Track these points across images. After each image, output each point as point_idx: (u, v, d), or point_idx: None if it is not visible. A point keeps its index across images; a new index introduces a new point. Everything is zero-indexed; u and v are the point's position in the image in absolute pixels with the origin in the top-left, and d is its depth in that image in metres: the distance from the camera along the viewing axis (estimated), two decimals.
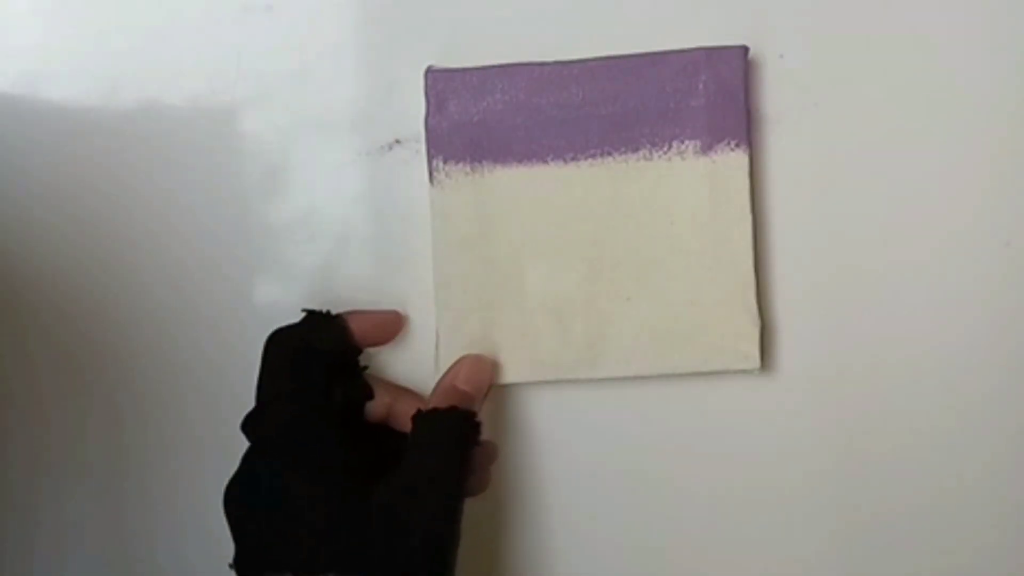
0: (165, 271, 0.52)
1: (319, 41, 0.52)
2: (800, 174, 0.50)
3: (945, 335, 0.50)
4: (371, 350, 0.51)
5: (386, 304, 0.51)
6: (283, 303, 0.52)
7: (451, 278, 0.50)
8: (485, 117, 0.50)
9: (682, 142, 0.49)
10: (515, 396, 0.51)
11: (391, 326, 0.51)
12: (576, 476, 0.52)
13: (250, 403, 0.47)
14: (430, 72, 0.50)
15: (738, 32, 0.50)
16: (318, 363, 0.48)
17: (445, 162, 0.50)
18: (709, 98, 0.49)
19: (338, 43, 0.52)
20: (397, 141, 0.51)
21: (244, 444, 0.47)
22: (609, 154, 0.50)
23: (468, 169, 0.50)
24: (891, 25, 0.50)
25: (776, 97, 0.50)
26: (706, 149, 0.49)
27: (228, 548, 0.46)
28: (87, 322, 0.53)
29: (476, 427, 0.47)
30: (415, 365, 0.51)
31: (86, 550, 0.54)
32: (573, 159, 0.50)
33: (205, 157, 0.52)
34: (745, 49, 0.49)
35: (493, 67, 0.50)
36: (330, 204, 0.52)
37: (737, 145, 0.49)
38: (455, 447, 0.46)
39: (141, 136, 0.52)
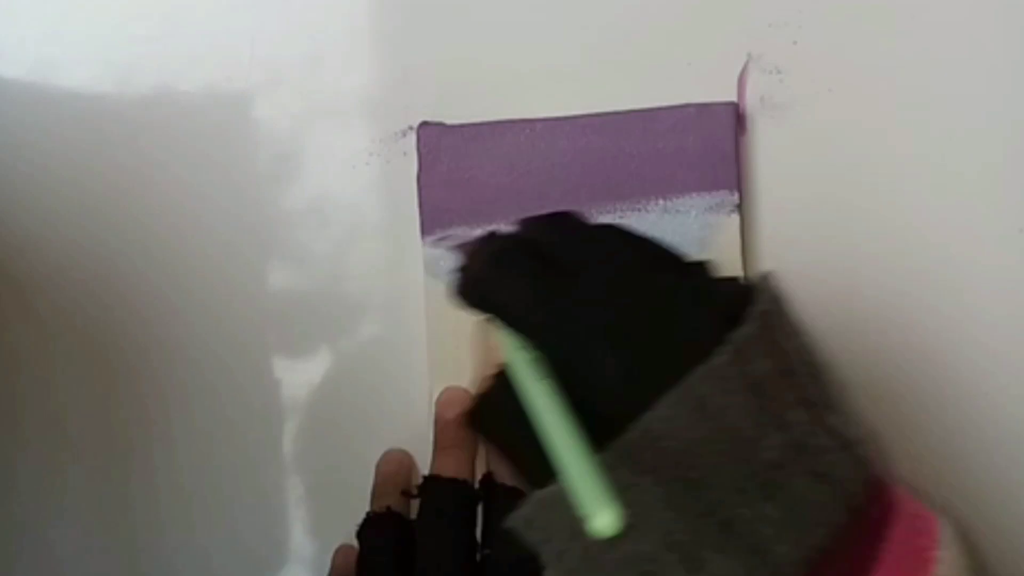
0: (177, 257, 0.53)
1: (332, 28, 0.52)
2: (812, 161, 0.50)
3: (958, 336, 0.49)
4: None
5: (397, 290, 0.51)
6: (295, 290, 0.52)
7: (444, 336, 0.50)
8: (477, 174, 0.50)
9: (674, 201, 0.49)
10: None
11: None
12: None
13: (261, 388, 0.48)
14: (422, 128, 0.51)
15: (753, 20, 0.50)
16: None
17: (438, 218, 0.50)
18: (701, 160, 0.49)
19: (351, 30, 0.52)
20: (410, 128, 0.51)
21: (254, 430, 0.47)
22: (601, 211, 0.50)
23: (460, 226, 0.50)
24: (905, 10, 0.49)
25: (790, 83, 0.50)
26: (699, 211, 0.49)
27: (239, 538, 0.46)
28: (99, 308, 0.53)
29: None
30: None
31: (103, 540, 0.54)
32: None
33: (218, 144, 0.52)
34: (734, 105, 0.49)
35: (485, 124, 0.50)
36: (342, 191, 0.52)
37: (730, 212, 0.49)
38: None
39: (154, 123, 0.52)
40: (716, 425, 0.33)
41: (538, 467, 0.35)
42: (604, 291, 0.36)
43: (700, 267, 0.38)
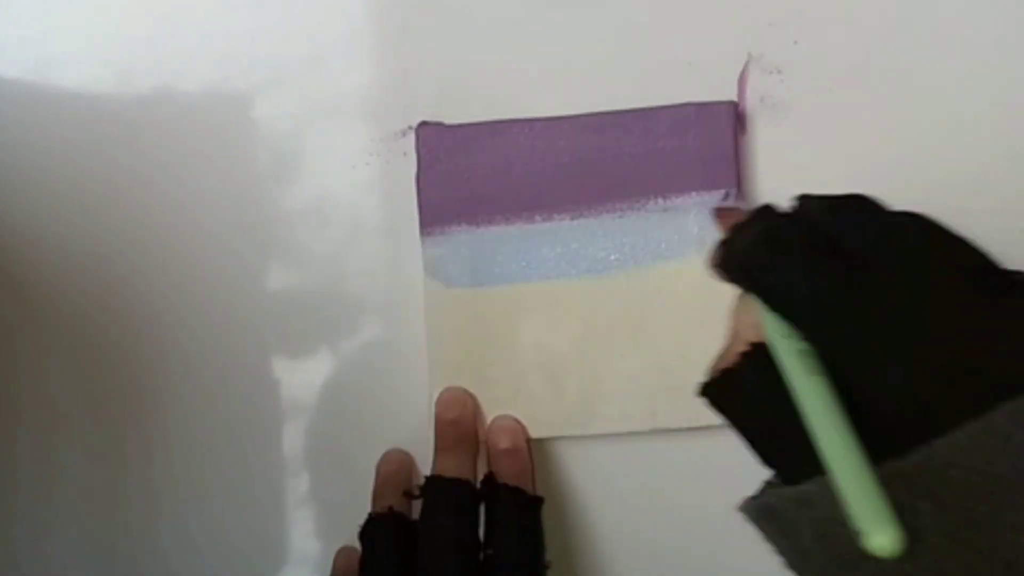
0: (177, 257, 0.52)
1: (332, 28, 0.52)
2: (812, 161, 0.50)
3: None
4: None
5: (397, 290, 0.51)
6: (295, 290, 0.52)
7: (444, 335, 0.50)
8: (476, 174, 0.50)
9: (674, 201, 0.49)
10: None
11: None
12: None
13: (261, 388, 0.47)
14: (421, 128, 0.51)
15: (753, 19, 0.50)
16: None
17: (437, 218, 0.50)
18: (700, 158, 0.49)
19: (351, 30, 0.52)
20: (410, 128, 0.51)
21: (254, 431, 0.47)
22: (601, 211, 0.50)
23: (460, 226, 0.50)
24: (905, 10, 0.49)
25: (790, 83, 0.50)
26: (699, 211, 0.49)
27: (240, 540, 0.45)
28: (99, 308, 0.53)
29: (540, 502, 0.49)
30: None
31: (101, 540, 0.54)
32: (564, 215, 0.50)
33: (218, 144, 0.52)
34: (734, 104, 0.49)
35: (484, 123, 0.50)
36: (342, 191, 0.52)
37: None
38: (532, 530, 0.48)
39: (154, 123, 0.52)
40: (1015, 464, 0.30)
41: (783, 457, 0.34)
42: (901, 293, 0.32)
43: (1021, 283, 0.34)
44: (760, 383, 0.34)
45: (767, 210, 0.37)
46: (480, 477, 0.49)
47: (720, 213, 0.42)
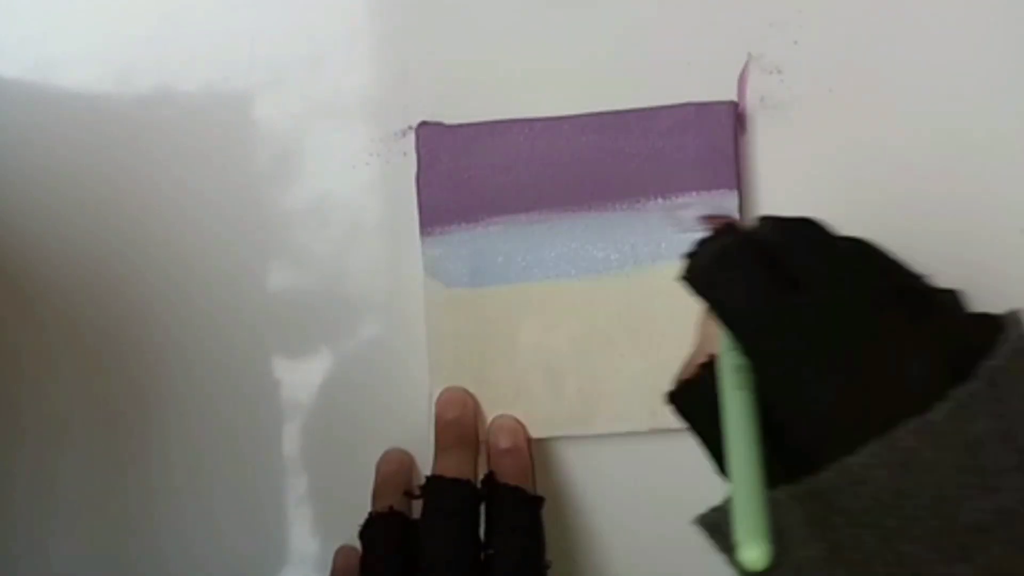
0: (177, 257, 0.53)
1: (332, 28, 0.52)
2: (812, 161, 0.50)
3: None
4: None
5: (397, 290, 0.51)
6: (295, 290, 0.52)
7: (444, 335, 0.50)
8: (476, 174, 0.50)
9: (674, 200, 0.49)
10: None
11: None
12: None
13: (261, 388, 0.47)
14: (421, 128, 0.51)
15: (753, 19, 0.50)
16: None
17: (437, 218, 0.50)
18: (700, 158, 0.49)
19: (351, 30, 0.52)
20: (410, 128, 0.51)
21: (254, 431, 0.47)
22: (601, 210, 0.50)
23: (459, 226, 0.50)
24: (906, 10, 0.49)
25: (789, 83, 0.50)
26: (698, 210, 0.49)
27: (240, 540, 0.45)
28: (99, 308, 0.53)
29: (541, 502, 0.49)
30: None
31: (101, 540, 0.54)
32: (564, 215, 0.50)
33: (218, 144, 0.52)
34: (734, 104, 0.49)
35: (484, 123, 0.50)
36: (342, 191, 0.52)
37: (729, 212, 0.49)
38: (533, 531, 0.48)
39: (154, 123, 0.52)
40: (920, 480, 0.32)
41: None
42: (828, 312, 0.34)
43: (946, 303, 0.36)
44: (712, 395, 0.36)
45: (729, 228, 0.39)
46: (480, 477, 0.49)
47: (709, 218, 0.43)
